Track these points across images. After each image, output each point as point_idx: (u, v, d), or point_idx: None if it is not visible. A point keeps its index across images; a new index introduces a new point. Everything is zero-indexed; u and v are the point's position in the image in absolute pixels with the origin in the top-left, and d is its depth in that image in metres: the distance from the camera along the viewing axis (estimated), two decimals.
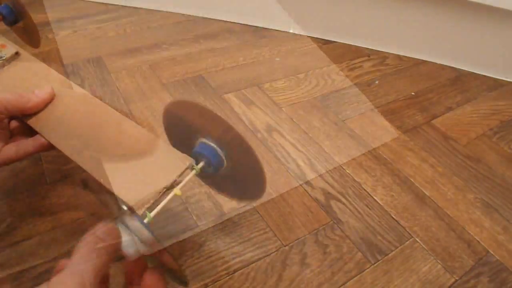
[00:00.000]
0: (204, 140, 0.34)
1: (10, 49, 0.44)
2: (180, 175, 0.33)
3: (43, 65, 0.44)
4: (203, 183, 0.46)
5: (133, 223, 0.28)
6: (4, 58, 0.43)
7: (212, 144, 0.34)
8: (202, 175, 0.36)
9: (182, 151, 0.36)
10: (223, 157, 0.34)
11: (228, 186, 0.41)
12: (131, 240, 0.28)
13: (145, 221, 0.29)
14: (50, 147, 0.37)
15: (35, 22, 0.77)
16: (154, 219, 0.30)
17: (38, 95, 0.37)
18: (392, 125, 0.69)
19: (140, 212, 0.31)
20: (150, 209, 0.31)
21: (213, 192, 0.51)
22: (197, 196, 0.51)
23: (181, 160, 0.34)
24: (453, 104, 0.76)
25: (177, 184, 0.33)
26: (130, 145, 0.36)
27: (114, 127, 0.37)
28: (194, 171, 0.34)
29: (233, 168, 0.36)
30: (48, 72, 0.44)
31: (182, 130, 0.37)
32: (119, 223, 0.29)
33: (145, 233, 0.28)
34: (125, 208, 0.31)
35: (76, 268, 0.23)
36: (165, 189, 0.32)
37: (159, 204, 0.31)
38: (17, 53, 0.45)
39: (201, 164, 0.34)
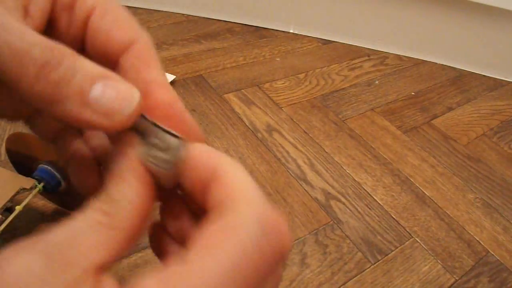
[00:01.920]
0: (42, 165, 0.41)
1: None
2: (15, 195, 0.39)
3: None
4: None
5: None
6: None
7: (49, 168, 0.41)
8: (46, 194, 0.43)
9: (26, 175, 0.43)
10: (60, 178, 0.41)
11: (69, 202, 0.46)
12: None
13: None
14: None
15: None
16: None
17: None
18: (392, 125, 0.69)
19: None
20: None
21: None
22: None
23: (24, 181, 0.41)
24: (453, 104, 0.76)
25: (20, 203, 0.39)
26: None
27: None
28: (36, 189, 0.40)
29: (69, 187, 0.42)
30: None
31: (23, 157, 0.44)
32: None
33: None
34: None
35: None
36: (5, 207, 0.39)
37: (4, 221, 0.37)
38: None
39: (41, 184, 0.41)
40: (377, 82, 0.80)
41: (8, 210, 0.40)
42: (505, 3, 0.77)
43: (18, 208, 0.39)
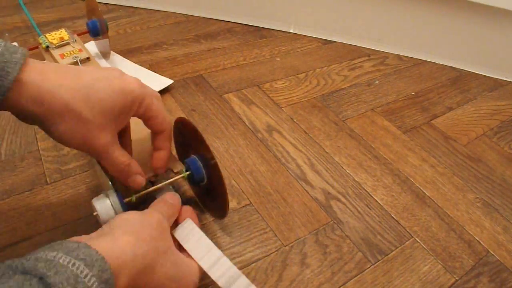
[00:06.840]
0: (195, 156, 0.42)
1: (84, 54, 0.59)
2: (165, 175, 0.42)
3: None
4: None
5: (115, 199, 0.36)
6: (78, 59, 0.59)
7: (199, 162, 0.42)
8: (189, 182, 0.45)
9: (179, 155, 0.48)
10: (204, 175, 0.42)
11: (205, 199, 0.48)
12: (109, 210, 0.35)
13: (127, 200, 0.37)
14: None
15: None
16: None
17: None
18: (392, 125, 0.69)
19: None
20: (137, 193, 0.39)
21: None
22: None
23: (175, 164, 0.43)
24: (453, 104, 0.76)
25: (164, 180, 0.41)
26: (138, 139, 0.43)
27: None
28: (180, 176, 0.41)
29: (209, 187, 0.43)
30: None
31: (183, 141, 0.45)
32: (105, 196, 0.36)
33: (119, 210, 0.36)
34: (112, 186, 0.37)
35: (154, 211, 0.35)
36: (150, 182, 0.41)
37: (144, 191, 0.39)
38: (88, 58, 0.59)
39: (187, 173, 0.42)
40: (377, 82, 0.80)
41: (151, 182, 0.42)
42: (505, 3, 0.77)
43: (157, 185, 0.40)
